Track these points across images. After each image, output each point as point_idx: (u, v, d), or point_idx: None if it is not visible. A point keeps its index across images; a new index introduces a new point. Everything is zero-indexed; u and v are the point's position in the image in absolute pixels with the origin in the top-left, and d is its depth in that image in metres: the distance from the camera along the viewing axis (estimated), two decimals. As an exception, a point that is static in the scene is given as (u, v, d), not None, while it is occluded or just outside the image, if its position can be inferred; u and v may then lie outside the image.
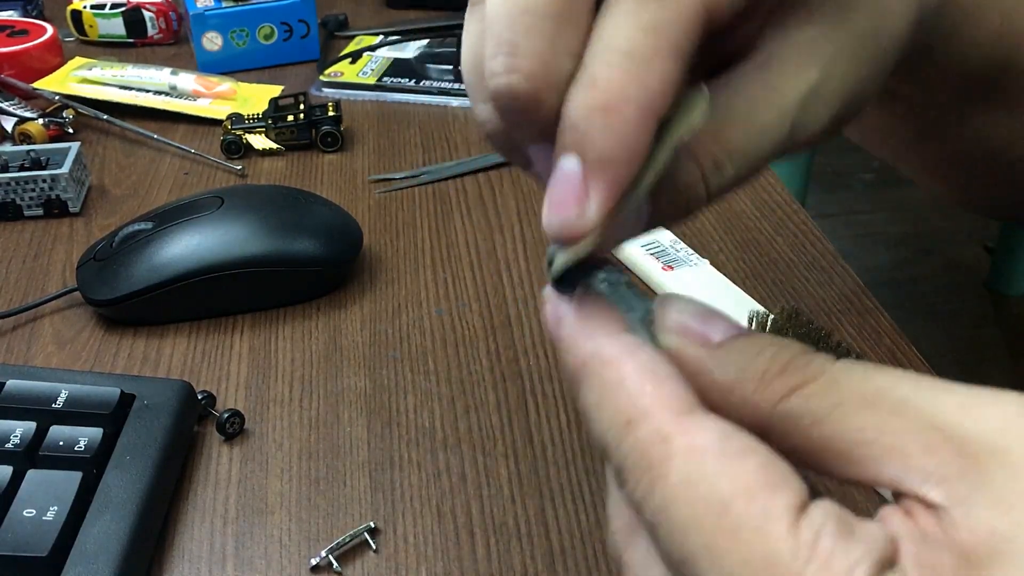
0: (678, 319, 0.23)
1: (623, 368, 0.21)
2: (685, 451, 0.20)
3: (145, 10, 0.86)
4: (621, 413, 0.21)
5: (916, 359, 0.48)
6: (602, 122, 0.21)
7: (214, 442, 0.44)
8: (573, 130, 0.22)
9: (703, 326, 0.22)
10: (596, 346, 0.22)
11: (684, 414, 0.20)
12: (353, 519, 0.40)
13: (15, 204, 0.61)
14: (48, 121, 0.69)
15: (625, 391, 0.21)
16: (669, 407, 0.21)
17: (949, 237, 2.01)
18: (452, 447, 0.44)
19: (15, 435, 0.39)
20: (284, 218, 0.53)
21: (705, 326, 0.22)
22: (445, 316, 0.52)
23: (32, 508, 0.36)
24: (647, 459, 0.20)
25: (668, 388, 0.21)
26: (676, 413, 0.20)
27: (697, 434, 0.20)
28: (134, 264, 0.51)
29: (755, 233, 0.58)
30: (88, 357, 0.50)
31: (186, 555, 0.39)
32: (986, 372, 1.68)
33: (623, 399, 0.21)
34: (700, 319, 0.22)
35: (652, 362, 0.22)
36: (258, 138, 0.68)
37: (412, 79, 0.77)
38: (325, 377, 0.48)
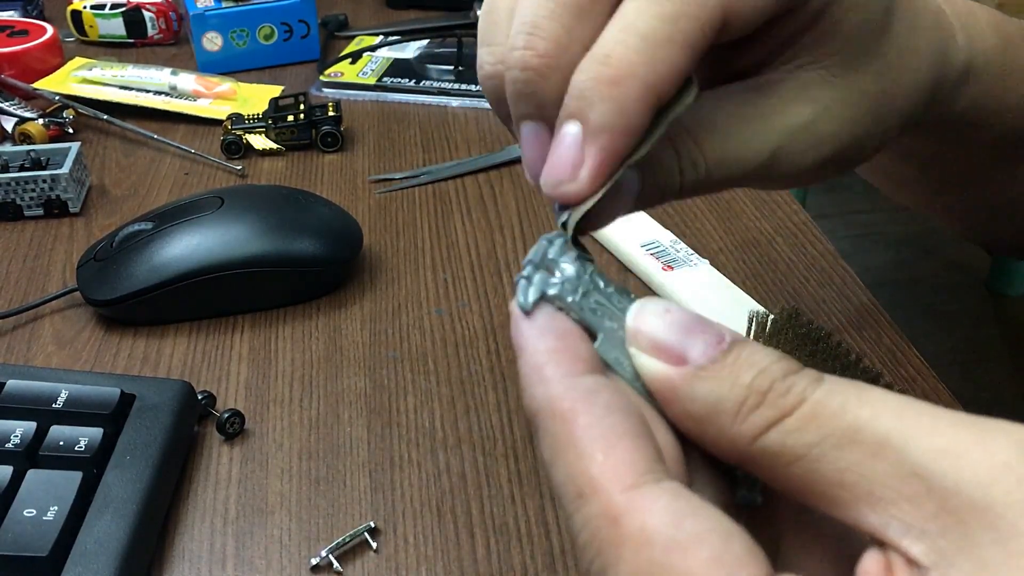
0: (652, 335, 0.22)
1: (574, 427, 0.20)
2: (634, 538, 0.19)
3: (145, 10, 0.86)
4: (572, 481, 0.20)
5: (916, 359, 0.48)
6: (607, 92, 0.23)
7: (214, 442, 0.44)
8: (579, 98, 0.23)
9: (681, 342, 0.21)
10: (548, 395, 0.21)
11: (635, 488, 0.19)
12: (353, 519, 0.40)
13: (15, 204, 0.61)
14: (48, 121, 0.69)
15: (575, 454, 0.20)
16: (619, 480, 0.19)
17: (949, 237, 2.01)
18: (452, 447, 0.44)
19: (15, 435, 0.39)
20: (284, 218, 0.53)
21: (683, 341, 0.21)
22: (445, 316, 0.52)
23: (32, 508, 0.36)
24: (597, 541, 0.19)
25: (619, 453, 0.20)
26: (626, 488, 0.19)
27: (648, 515, 0.19)
28: (134, 264, 0.51)
29: (755, 233, 0.58)
30: (88, 357, 0.50)
31: (186, 555, 0.39)
32: (986, 372, 1.68)
33: (573, 464, 0.20)
34: (678, 332, 0.21)
35: (606, 416, 0.20)
36: (258, 138, 0.68)
37: (412, 79, 0.77)
38: (325, 377, 0.48)
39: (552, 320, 0.22)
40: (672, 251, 0.54)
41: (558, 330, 0.22)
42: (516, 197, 0.63)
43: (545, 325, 0.22)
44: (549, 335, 0.22)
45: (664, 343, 0.21)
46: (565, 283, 0.23)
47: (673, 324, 0.22)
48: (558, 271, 0.23)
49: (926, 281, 1.90)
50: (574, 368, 0.21)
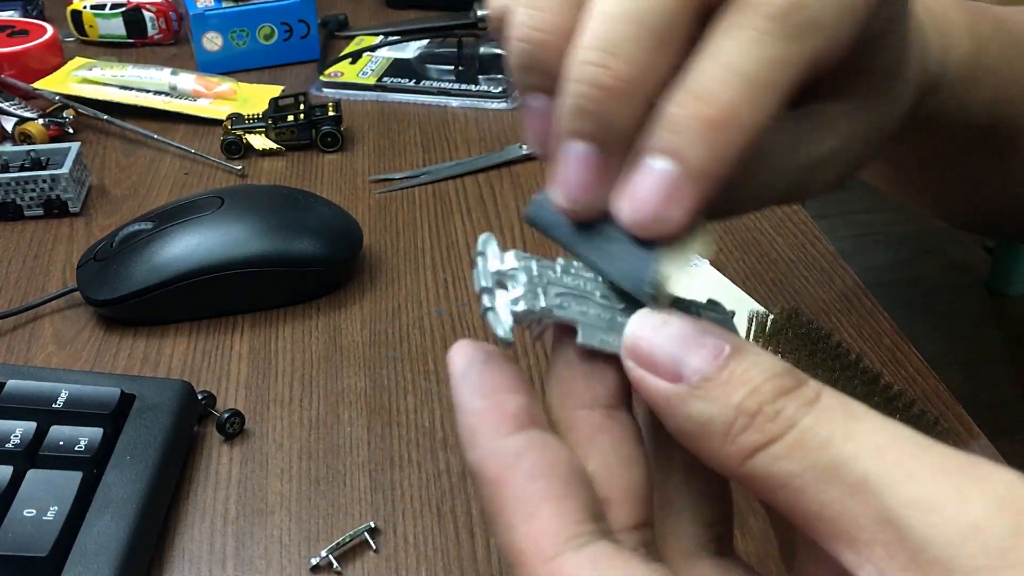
0: (647, 352, 0.21)
1: (501, 496, 0.21)
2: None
3: (145, 10, 0.86)
4: (506, 549, 0.20)
5: (916, 359, 0.48)
6: (709, 135, 0.22)
7: (214, 442, 0.44)
8: (675, 133, 0.22)
9: (676, 358, 0.21)
10: (478, 460, 0.21)
11: (555, 559, 0.20)
12: (353, 519, 0.40)
13: (15, 204, 0.61)
14: (48, 121, 0.69)
15: (504, 524, 0.20)
16: (540, 552, 0.20)
17: (949, 237, 2.01)
18: (452, 447, 0.44)
19: (15, 435, 0.39)
20: (284, 218, 0.53)
21: (679, 357, 0.21)
22: (445, 316, 0.52)
23: (32, 508, 0.36)
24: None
25: (541, 523, 0.20)
26: (546, 560, 0.20)
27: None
28: (134, 264, 0.51)
29: (755, 233, 0.58)
30: (88, 357, 0.50)
31: (186, 555, 0.39)
32: (986, 372, 1.68)
33: (502, 535, 0.20)
34: (674, 347, 0.21)
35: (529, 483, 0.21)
36: (258, 138, 0.68)
37: (412, 79, 0.77)
38: (325, 377, 0.48)
39: (482, 376, 0.22)
40: (672, 251, 0.54)
41: (487, 387, 0.22)
42: (516, 197, 0.63)
43: (476, 383, 0.22)
44: (477, 395, 0.22)
45: (659, 360, 0.21)
46: (525, 294, 0.23)
47: (669, 338, 0.21)
48: (510, 283, 0.23)
49: (926, 281, 1.90)
50: (501, 428, 0.21)
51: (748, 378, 0.20)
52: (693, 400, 0.20)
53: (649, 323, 0.22)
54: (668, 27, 0.22)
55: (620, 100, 0.22)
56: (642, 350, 0.22)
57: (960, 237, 2.01)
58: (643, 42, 0.22)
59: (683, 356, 0.21)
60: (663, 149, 0.22)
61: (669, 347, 0.21)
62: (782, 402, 0.20)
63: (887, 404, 0.41)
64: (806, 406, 0.20)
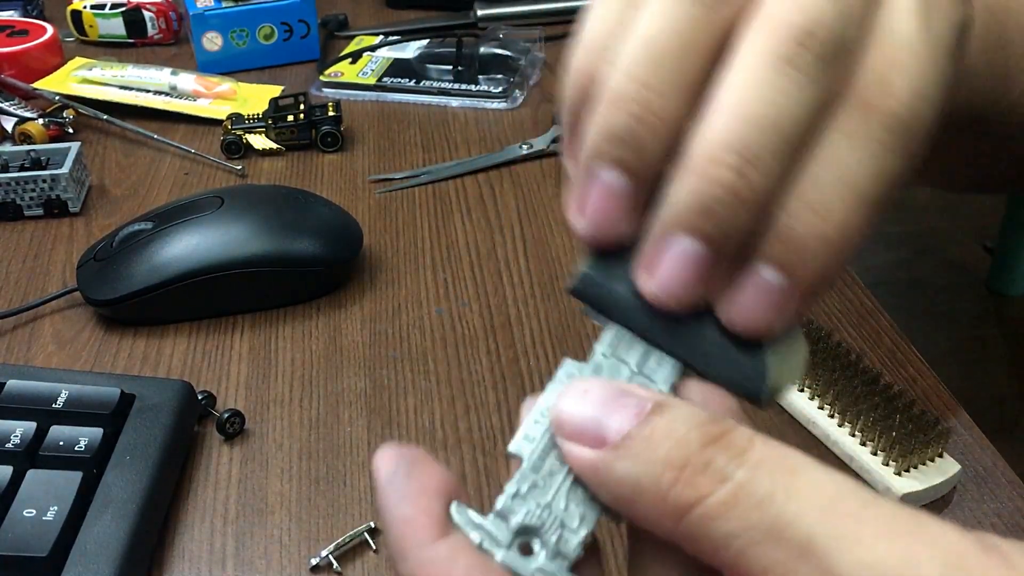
0: (571, 422, 0.21)
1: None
2: None
3: (145, 10, 0.86)
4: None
5: (916, 359, 0.48)
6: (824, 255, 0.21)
7: (214, 442, 0.44)
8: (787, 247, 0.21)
9: (598, 422, 0.20)
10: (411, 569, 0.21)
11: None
12: (353, 519, 0.40)
13: (15, 204, 0.61)
14: (48, 121, 0.69)
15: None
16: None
17: (949, 237, 2.01)
18: (452, 447, 0.44)
19: (15, 435, 0.39)
20: (284, 218, 0.53)
21: (601, 420, 0.20)
22: (445, 316, 0.52)
23: (32, 508, 0.36)
24: None
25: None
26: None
27: None
28: (134, 264, 0.51)
29: (755, 233, 0.58)
30: (88, 357, 0.50)
31: (186, 555, 0.39)
32: (986, 372, 1.68)
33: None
34: (596, 411, 0.21)
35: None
36: (258, 138, 0.68)
37: (412, 79, 0.77)
38: (325, 377, 0.48)
39: (407, 482, 0.22)
40: (672, 251, 0.54)
41: (413, 494, 0.22)
42: (516, 197, 0.63)
43: (401, 491, 0.22)
44: (403, 503, 0.21)
45: (582, 427, 0.21)
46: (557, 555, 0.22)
47: (590, 404, 0.21)
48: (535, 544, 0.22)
49: (926, 281, 1.90)
50: (431, 535, 0.21)
51: (671, 430, 0.20)
52: (617, 461, 0.20)
53: (571, 393, 0.22)
54: (800, 136, 0.21)
55: (751, 210, 0.21)
56: (566, 423, 0.21)
57: (960, 237, 2.01)
58: (780, 153, 0.21)
59: (604, 419, 0.20)
60: (778, 262, 0.21)
61: (590, 413, 0.21)
62: (710, 452, 0.19)
63: (887, 404, 0.41)
64: (737, 457, 0.19)
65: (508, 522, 0.21)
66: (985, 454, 0.43)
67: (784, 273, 0.21)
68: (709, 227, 0.21)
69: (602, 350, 0.23)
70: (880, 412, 0.41)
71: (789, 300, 0.22)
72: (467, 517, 0.21)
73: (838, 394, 0.43)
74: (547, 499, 0.22)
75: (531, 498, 0.22)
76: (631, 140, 0.22)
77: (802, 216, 0.21)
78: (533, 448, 0.22)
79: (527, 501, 0.21)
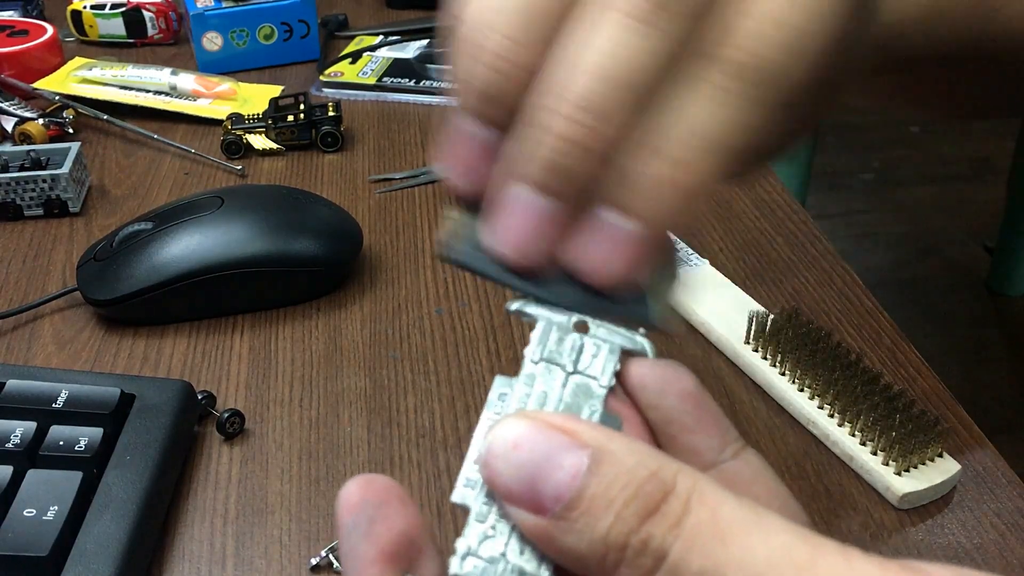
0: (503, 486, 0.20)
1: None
2: None
3: (145, 10, 0.86)
4: None
5: (916, 359, 0.48)
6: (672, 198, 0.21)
7: (214, 442, 0.44)
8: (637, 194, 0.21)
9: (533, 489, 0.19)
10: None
11: None
12: (353, 519, 0.40)
13: (15, 204, 0.61)
14: (48, 121, 0.69)
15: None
16: None
17: (949, 237, 2.01)
18: (452, 447, 0.44)
19: (15, 435, 0.39)
20: (284, 218, 0.53)
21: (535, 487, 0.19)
22: (445, 316, 0.52)
23: (32, 508, 0.36)
24: None
25: None
26: None
27: None
28: (134, 264, 0.51)
29: (755, 233, 0.58)
30: (88, 357, 0.50)
31: (186, 555, 0.39)
32: (986, 372, 1.68)
33: None
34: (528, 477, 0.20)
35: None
36: (258, 138, 0.68)
37: (412, 79, 0.77)
38: (325, 377, 0.48)
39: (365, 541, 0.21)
40: (672, 251, 0.54)
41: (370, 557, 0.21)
42: (516, 197, 0.63)
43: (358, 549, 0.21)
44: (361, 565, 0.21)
45: (518, 492, 0.20)
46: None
47: (521, 467, 0.20)
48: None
49: (926, 281, 1.90)
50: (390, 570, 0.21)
51: (610, 499, 0.19)
52: (560, 535, 0.19)
53: (500, 449, 0.20)
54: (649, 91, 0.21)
55: (596, 162, 0.21)
56: (498, 485, 0.20)
57: (960, 237, 2.01)
58: (628, 107, 0.21)
59: (539, 484, 0.19)
60: (624, 207, 0.21)
61: (523, 475, 0.20)
62: (647, 528, 0.18)
63: (887, 404, 0.41)
64: (674, 528, 0.18)
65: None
66: (985, 454, 0.43)
67: (631, 217, 0.21)
68: (555, 182, 0.21)
69: (531, 356, 0.22)
70: (880, 412, 0.41)
71: (638, 246, 0.22)
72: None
73: (838, 394, 0.43)
74: (500, 550, 0.21)
75: (484, 552, 0.21)
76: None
77: (648, 162, 0.21)
78: (476, 494, 0.21)
79: (481, 557, 0.21)
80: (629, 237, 0.22)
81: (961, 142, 2.34)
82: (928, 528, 0.39)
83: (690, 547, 0.18)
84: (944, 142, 2.34)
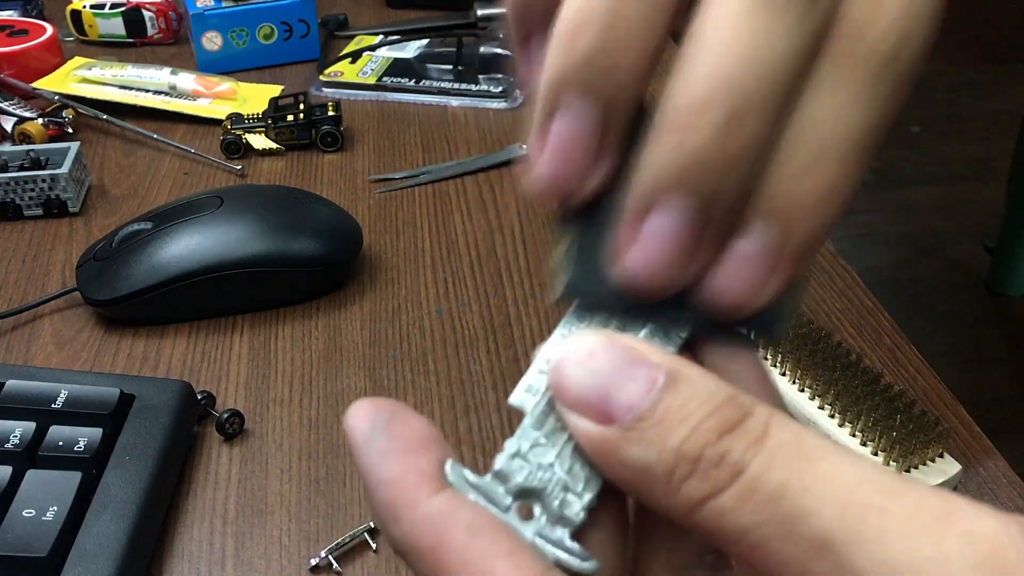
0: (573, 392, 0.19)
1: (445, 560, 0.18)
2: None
3: (145, 10, 0.86)
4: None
5: (916, 359, 0.48)
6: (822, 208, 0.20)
7: (214, 442, 0.44)
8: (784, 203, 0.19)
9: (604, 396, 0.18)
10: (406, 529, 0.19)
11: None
12: (353, 519, 0.40)
13: (15, 204, 0.61)
14: (48, 121, 0.69)
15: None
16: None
17: (949, 237, 2.01)
18: (452, 447, 0.44)
19: (15, 435, 0.39)
20: (284, 218, 0.53)
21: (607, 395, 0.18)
22: (445, 316, 0.52)
23: (32, 508, 0.36)
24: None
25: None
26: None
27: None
28: (134, 264, 0.51)
29: (755, 233, 0.58)
30: (88, 357, 0.50)
31: (186, 555, 0.39)
32: (986, 372, 1.68)
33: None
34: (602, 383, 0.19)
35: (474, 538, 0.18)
36: (258, 138, 0.68)
37: (412, 79, 0.77)
38: (325, 377, 0.48)
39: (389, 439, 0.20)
40: (672, 251, 0.54)
41: (397, 451, 0.20)
42: (516, 197, 0.63)
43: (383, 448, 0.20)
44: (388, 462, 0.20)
45: (586, 398, 0.19)
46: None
47: (595, 373, 0.19)
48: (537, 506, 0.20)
49: (926, 281, 1.90)
50: (424, 492, 0.19)
51: (686, 414, 0.18)
52: (627, 445, 0.18)
53: (574, 356, 0.19)
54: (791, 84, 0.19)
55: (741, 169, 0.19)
56: (567, 390, 0.19)
57: (960, 237, 2.01)
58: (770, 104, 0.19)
59: (612, 392, 0.18)
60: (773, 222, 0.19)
61: (596, 383, 0.19)
62: (726, 442, 0.18)
63: (888, 404, 0.41)
64: (754, 445, 0.18)
65: (507, 483, 0.20)
66: (985, 454, 0.43)
67: (780, 234, 0.19)
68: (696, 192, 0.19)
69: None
70: (881, 412, 0.41)
71: (793, 264, 0.20)
72: (462, 477, 0.20)
73: (839, 394, 0.43)
74: (549, 459, 0.20)
75: (532, 458, 0.20)
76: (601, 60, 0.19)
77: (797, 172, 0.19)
78: (536, 402, 0.20)
79: (528, 461, 0.20)
80: (784, 255, 0.20)
81: (962, 142, 2.34)
82: (929, 528, 0.39)
83: (772, 462, 0.17)
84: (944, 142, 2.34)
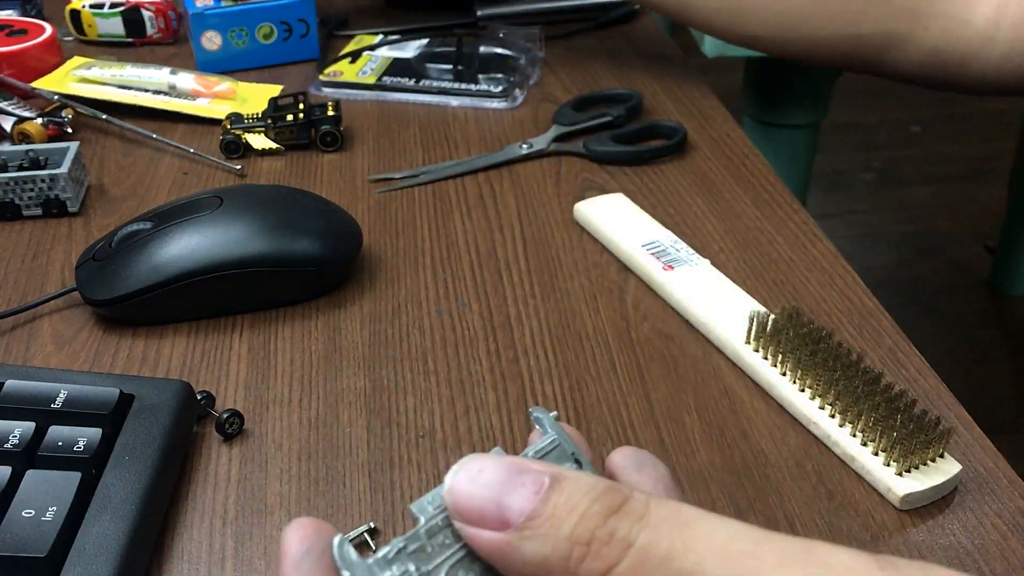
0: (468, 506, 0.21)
1: None
2: None
3: (144, 9, 0.86)
4: None
5: (916, 359, 0.48)
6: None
7: (214, 442, 0.44)
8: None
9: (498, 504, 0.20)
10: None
11: None
12: (353, 519, 0.40)
13: (14, 204, 0.61)
14: (47, 121, 0.69)
15: None
16: None
17: (949, 237, 2.01)
18: (452, 448, 0.44)
19: (14, 435, 0.39)
20: (284, 218, 0.53)
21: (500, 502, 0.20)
22: (445, 316, 0.52)
23: (31, 508, 0.36)
24: None
25: None
26: None
27: None
28: (133, 264, 0.51)
29: (755, 233, 0.58)
30: (87, 357, 0.50)
31: (185, 555, 0.39)
32: (986, 372, 1.68)
33: None
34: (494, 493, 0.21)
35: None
36: (257, 138, 0.68)
37: (412, 79, 0.77)
38: (325, 377, 0.48)
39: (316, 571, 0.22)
40: (673, 251, 0.54)
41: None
42: (516, 197, 0.63)
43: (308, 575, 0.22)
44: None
45: (481, 510, 0.21)
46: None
47: (487, 486, 0.21)
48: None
49: (926, 281, 1.90)
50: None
51: (573, 505, 0.20)
52: (524, 543, 0.20)
53: (465, 475, 0.21)
54: None
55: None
56: (463, 506, 0.21)
57: (961, 237, 2.01)
58: None
59: (504, 500, 0.20)
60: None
61: (488, 494, 0.21)
62: (612, 523, 0.19)
63: (888, 404, 0.41)
64: (638, 522, 0.19)
65: (383, 572, 0.21)
66: (986, 454, 0.43)
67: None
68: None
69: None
70: (881, 412, 0.41)
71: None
72: (345, 554, 0.21)
73: (839, 394, 0.43)
74: (427, 568, 0.21)
75: (413, 560, 0.21)
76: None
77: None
78: (433, 516, 0.22)
79: (407, 562, 0.21)
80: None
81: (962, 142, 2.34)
82: (929, 529, 0.39)
83: (656, 532, 0.19)
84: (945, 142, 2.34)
